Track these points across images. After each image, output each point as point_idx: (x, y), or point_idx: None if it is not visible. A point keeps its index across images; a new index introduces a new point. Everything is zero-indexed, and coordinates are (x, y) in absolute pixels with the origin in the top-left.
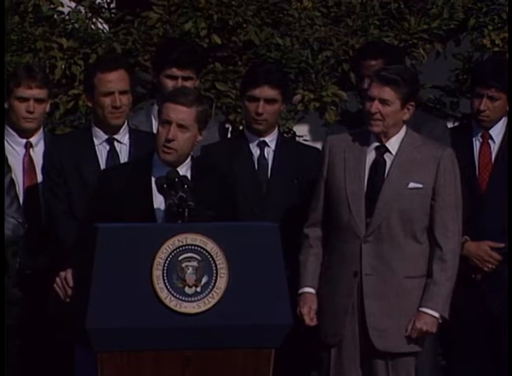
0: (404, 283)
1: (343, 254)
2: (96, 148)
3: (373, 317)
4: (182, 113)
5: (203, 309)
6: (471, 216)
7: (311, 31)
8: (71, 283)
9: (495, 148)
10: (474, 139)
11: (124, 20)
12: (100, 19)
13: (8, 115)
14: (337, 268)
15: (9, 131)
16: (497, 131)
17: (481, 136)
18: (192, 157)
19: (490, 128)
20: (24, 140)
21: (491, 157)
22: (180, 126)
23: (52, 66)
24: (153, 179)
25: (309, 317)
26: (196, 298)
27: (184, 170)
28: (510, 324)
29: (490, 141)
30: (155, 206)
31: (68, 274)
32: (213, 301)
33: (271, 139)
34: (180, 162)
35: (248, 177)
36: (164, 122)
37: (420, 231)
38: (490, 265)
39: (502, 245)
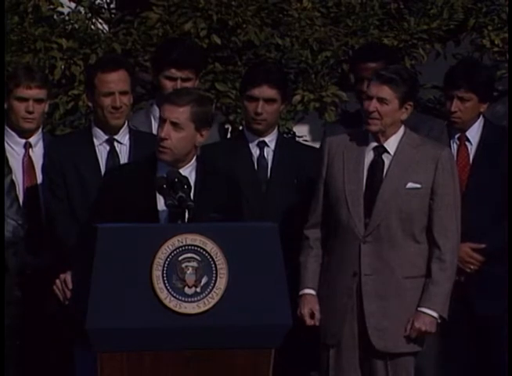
0: (403, 284)
1: (342, 255)
2: (96, 148)
3: (372, 317)
4: (174, 112)
5: (203, 309)
6: None
7: (311, 32)
8: (70, 286)
9: (472, 149)
10: (451, 142)
11: (123, 21)
12: (100, 20)
13: (7, 115)
14: (336, 268)
15: (8, 131)
16: (473, 133)
17: (458, 139)
18: (197, 158)
19: (466, 131)
20: (23, 140)
21: (469, 159)
22: (174, 125)
23: (51, 66)
24: None
25: (310, 318)
26: (195, 299)
27: (188, 171)
28: (510, 324)
29: (467, 143)
30: (159, 207)
31: (67, 277)
32: (213, 302)
33: (270, 139)
34: (181, 162)
35: (248, 177)
36: (160, 122)
37: (418, 231)
38: (472, 267)
39: (483, 246)
